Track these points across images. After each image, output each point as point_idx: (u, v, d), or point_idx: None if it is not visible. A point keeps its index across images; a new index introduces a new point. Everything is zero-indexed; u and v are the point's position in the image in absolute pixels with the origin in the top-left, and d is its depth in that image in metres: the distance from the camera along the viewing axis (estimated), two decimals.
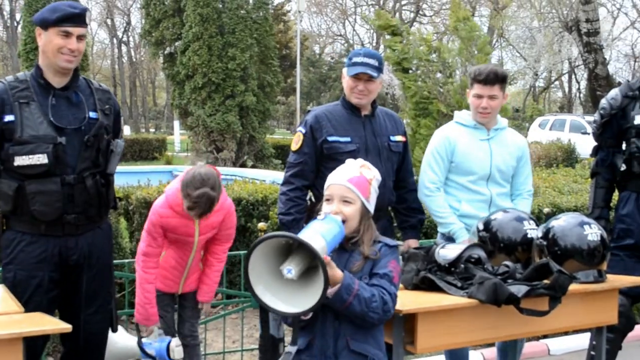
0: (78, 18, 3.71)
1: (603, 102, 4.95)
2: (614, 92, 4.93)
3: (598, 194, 4.92)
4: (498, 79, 4.50)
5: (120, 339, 4.19)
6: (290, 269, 2.64)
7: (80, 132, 3.69)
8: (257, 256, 2.67)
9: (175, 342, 4.18)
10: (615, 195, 5.04)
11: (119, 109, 4.06)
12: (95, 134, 3.73)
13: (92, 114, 3.76)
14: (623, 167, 4.82)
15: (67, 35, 3.67)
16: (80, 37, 3.72)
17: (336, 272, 2.78)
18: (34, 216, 3.63)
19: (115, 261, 5.47)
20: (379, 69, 4.30)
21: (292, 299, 2.70)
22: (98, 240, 3.86)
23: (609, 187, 4.99)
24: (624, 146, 4.90)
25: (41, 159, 3.57)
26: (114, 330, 4.03)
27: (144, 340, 4.21)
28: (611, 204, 5.06)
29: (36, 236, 3.67)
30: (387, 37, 11.35)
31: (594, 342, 4.56)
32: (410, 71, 10.61)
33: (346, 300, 2.80)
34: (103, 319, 3.93)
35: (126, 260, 5.58)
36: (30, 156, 3.57)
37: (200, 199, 4.13)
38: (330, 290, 2.76)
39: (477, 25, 10.84)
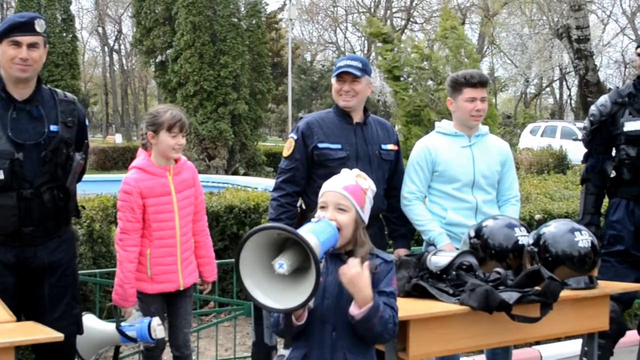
0: (26, 27, 3.70)
1: (593, 109, 4.97)
2: (604, 99, 4.95)
3: (588, 200, 4.94)
4: (487, 81, 4.61)
5: (98, 326, 4.16)
6: (282, 263, 2.61)
7: (39, 146, 3.70)
8: (249, 249, 2.64)
9: (157, 321, 4.12)
10: (606, 201, 5.06)
11: (84, 120, 4.04)
12: (54, 148, 3.72)
13: (52, 127, 3.76)
14: (613, 174, 4.84)
15: (17, 44, 3.67)
16: (32, 46, 3.71)
17: (368, 293, 2.75)
18: None
19: (106, 269, 5.48)
20: (364, 70, 4.33)
21: (280, 296, 2.67)
22: (58, 249, 3.86)
23: (599, 194, 5.00)
24: (614, 152, 4.92)
25: None
26: (80, 332, 4.00)
27: (123, 323, 4.16)
28: (601, 210, 5.09)
29: None
30: (379, 44, 11.36)
31: (585, 348, 4.58)
32: (401, 79, 10.61)
33: (371, 321, 2.78)
34: (69, 324, 3.90)
35: (117, 269, 5.57)
36: None
37: (179, 115, 4.33)
38: (359, 312, 2.75)
39: (464, 34, 10.86)
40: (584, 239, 3.76)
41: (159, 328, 4.12)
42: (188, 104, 24.47)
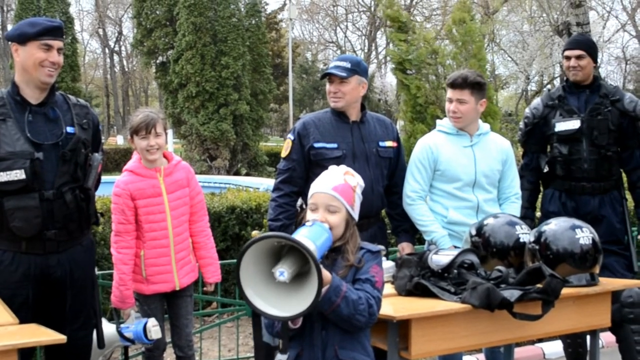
0: (57, 31, 3.74)
1: (526, 111, 5.35)
2: (536, 102, 5.33)
3: (523, 195, 5.05)
4: (467, 83, 4.52)
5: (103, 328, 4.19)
6: (283, 271, 2.63)
7: (57, 147, 3.70)
8: (249, 258, 2.65)
9: (152, 322, 4.16)
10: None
11: (98, 123, 4.08)
12: (72, 148, 3.74)
13: (69, 129, 3.77)
14: (546, 169, 5.20)
15: (48, 48, 3.69)
16: (59, 50, 3.74)
17: (325, 274, 2.73)
18: (14, 233, 3.62)
19: (109, 271, 5.49)
20: (353, 70, 4.34)
21: (282, 303, 2.68)
22: (80, 257, 3.87)
23: (533, 189, 5.35)
24: (548, 149, 5.25)
25: (19, 174, 3.56)
26: (101, 346, 4.01)
27: (121, 325, 4.20)
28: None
29: (17, 254, 3.66)
30: (391, 29, 11.14)
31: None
32: (408, 72, 10.46)
33: (334, 302, 2.78)
34: (88, 333, 3.94)
35: (114, 271, 5.58)
36: (8, 172, 3.56)
37: (144, 116, 4.35)
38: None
39: (474, 28, 10.62)
40: (585, 236, 3.76)
41: (154, 329, 4.15)
42: (189, 105, 24.50)
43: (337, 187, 3.01)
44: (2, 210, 3.60)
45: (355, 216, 3.06)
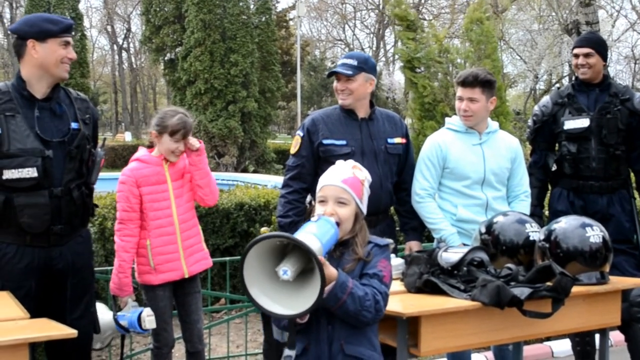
0: (72, 28, 3.82)
1: (535, 109, 5.35)
2: (545, 100, 5.33)
3: (532, 193, 5.03)
4: (478, 81, 4.52)
5: (101, 315, 4.20)
6: (286, 269, 2.62)
7: (64, 144, 3.72)
8: (252, 258, 2.65)
9: (147, 311, 4.17)
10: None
11: (97, 118, 4.11)
12: (78, 145, 3.76)
13: (73, 125, 3.79)
14: (554, 168, 5.19)
15: (67, 45, 3.74)
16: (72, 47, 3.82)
17: (331, 270, 2.74)
18: (21, 228, 3.65)
19: (108, 268, 5.51)
20: (359, 68, 4.35)
21: (287, 301, 2.67)
22: (80, 248, 3.91)
23: (541, 187, 5.32)
24: (556, 148, 5.24)
25: (31, 172, 3.59)
26: (97, 331, 4.04)
27: (118, 313, 4.23)
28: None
29: (22, 247, 3.69)
30: (399, 28, 11.09)
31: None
32: (417, 70, 10.43)
33: (340, 298, 2.78)
34: (88, 322, 3.96)
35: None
36: (20, 170, 3.58)
37: (181, 120, 4.38)
38: (325, 289, 2.73)
39: (491, 30, 10.55)
40: (595, 234, 3.75)
41: (148, 319, 4.16)
42: (198, 102, 24.54)
43: (347, 179, 3.01)
44: (12, 206, 3.62)
45: (364, 210, 3.06)
